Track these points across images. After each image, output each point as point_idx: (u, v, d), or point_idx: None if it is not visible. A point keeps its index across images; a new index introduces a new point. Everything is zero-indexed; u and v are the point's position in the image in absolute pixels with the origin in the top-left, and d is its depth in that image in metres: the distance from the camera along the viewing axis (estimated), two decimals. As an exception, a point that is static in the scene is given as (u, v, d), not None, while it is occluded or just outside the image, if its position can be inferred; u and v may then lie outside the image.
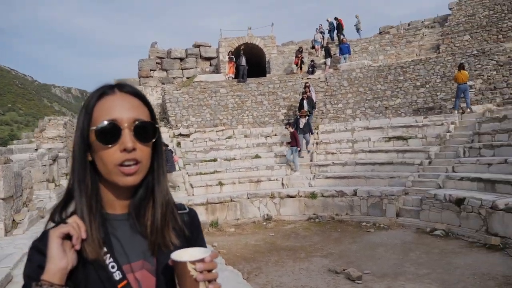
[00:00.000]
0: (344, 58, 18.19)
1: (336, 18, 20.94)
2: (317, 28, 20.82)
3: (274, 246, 9.06)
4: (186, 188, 12.52)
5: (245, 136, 15.66)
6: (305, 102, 14.80)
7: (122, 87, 1.05)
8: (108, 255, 1.00)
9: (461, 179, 9.69)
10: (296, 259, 7.97)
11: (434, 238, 8.72)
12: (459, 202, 8.75)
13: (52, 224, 1.00)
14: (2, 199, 7.17)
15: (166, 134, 15.77)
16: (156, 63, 21.29)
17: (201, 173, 13.18)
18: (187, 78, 20.74)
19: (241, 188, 12.54)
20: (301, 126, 13.71)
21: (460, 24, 18.12)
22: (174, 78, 21.00)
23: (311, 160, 13.64)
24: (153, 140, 1.04)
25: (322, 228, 10.48)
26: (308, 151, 13.82)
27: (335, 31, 20.85)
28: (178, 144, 15.02)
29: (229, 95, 17.22)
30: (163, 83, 20.19)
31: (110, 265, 1.00)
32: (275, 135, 15.43)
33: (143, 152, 1.01)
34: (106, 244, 1.01)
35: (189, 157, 14.37)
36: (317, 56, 19.92)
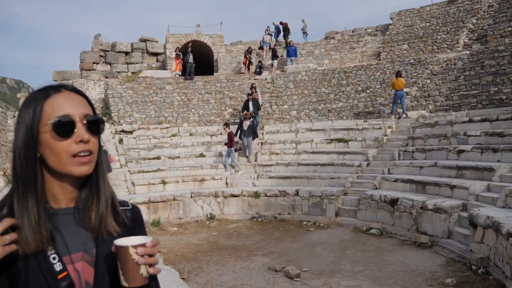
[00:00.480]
0: (291, 61, 18.56)
1: (281, 22, 21.29)
2: (265, 30, 21.05)
3: (216, 245, 9.04)
4: (128, 186, 12.13)
5: (190, 135, 15.47)
6: (250, 103, 14.78)
7: (66, 86, 1.13)
8: (50, 247, 1.05)
9: (396, 180, 10.24)
10: (238, 258, 8.00)
11: (369, 236, 9.13)
12: (393, 202, 9.24)
13: None
14: None
15: (108, 130, 15.17)
16: (100, 56, 20.44)
17: (143, 171, 12.84)
18: (132, 73, 20.12)
19: (184, 187, 12.38)
20: (245, 128, 13.70)
21: (400, 34, 19.17)
22: (118, 72, 20.28)
23: (255, 160, 13.76)
24: (101, 133, 1.13)
25: (265, 227, 10.61)
26: (247, 156, 13.76)
27: (281, 34, 21.21)
28: (121, 140, 14.52)
29: (175, 92, 16.94)
30: (106, 77, 19.42)
31: (51, 257, 1.04)
32: (221, 134, 15.39)
33: (94, 144, 1.10)
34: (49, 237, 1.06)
35: (132, 154, 13.94)
36: (265, 57, 20.13)
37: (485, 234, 6.52)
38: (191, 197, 11.57)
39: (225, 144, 13.52)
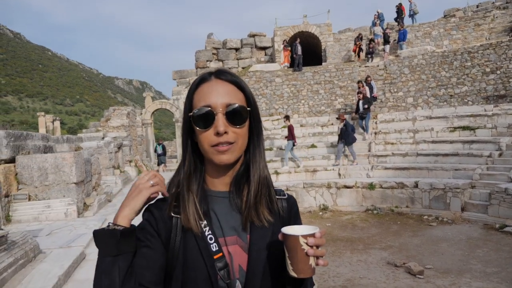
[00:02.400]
0: (400, 45, 17.42)
1: (399, 4, 19.96)
2: (373, 20, 19.95)
3: (330, 236, 8.97)
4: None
5: (301, 126, 15.55)
6: (360, 103, 13.83)
7: (218, 74, 1.12)
8: (208, 228, 1.09)
9: (536, 172, 8.97)
10: (354, 250, 7.84)
11: (504, 235, 8.18)
12: (534, 197, 8.11)
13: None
14: (75, 183, 7.71)
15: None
16: (212, 53, 21.69)
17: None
18: (243, 68, 20.93)
19: (297, 178, 12.51)
20: (345, 130, 12.61)
21: (538, 4, 16.64)
22: (229, 68, 21.27)
23: (369, 151, 13.27)
24: (245, 123, 1.11)
25: (381, 220, 10.21)
26: (337, 165, 12.79)
27: (384, 22, 20.02)
28: (235, 133, 15.23)
29: (284, 84, 17.16)
30: (219, 73, 20.51)
31: (208, 237, 1.08)
32: (332, 124, 15.18)
33: (236, 134, 1.08)
34: (206, 216, 1.10)
35: (245, 146, 14.53)
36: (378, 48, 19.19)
37: None
38: (304, 187, 11.64)
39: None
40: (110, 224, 1.05)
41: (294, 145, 12.84)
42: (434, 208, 10.18)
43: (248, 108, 1.12)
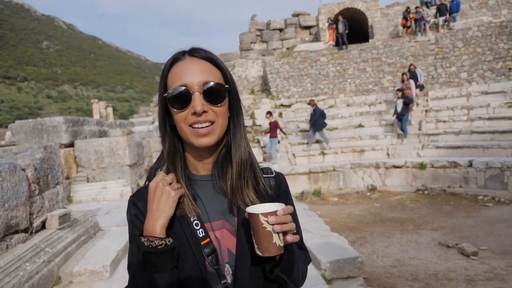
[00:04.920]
0: (453, 18, 16.44)
1: None
2: None
3: (379, 216, 8.85)
4: (289, 157, 12.74)
5: (347, 105, 15.26)
6: (398, 102, 12.55)
7: (192, 52, 1.06)
8: (193, 214, 1.05)
9: None
10: (403, 231, 7.70)
11: None
12: None
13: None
14: (128, 165, 8.12)
15: (268, 105, 16.10)
16: (256, 35, 21.61)
17: (303, 143, 13.27)
18: (287, 48, 20.73)
19: (344, 158, 12.37)
20: (313, 115, 12.51)
21: None
22: (274, 49, 21.15)
23: (419, 129, 12.80)
24: (224, 101, 1.05)
25: (432, 200, 9.90)
26: (308, 150, 12.75)
27: None
28: (280, 114, 15.25)
29: (329, 64, 16.83)
30: (263, 55, 20.48)
31: (194, 223, 1.04)
32: (380, 103, 14.76)
33: (216, 113, 1.03)
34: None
35: (291, 127, 14.53)
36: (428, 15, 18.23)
37: None
38: (351, 168, 11.50)
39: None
40: (149, 237, 0.98)
41: (278, 142, 12.39)
42: (490, 188, 9.70)
43: (226, 86, 1.07)
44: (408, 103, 12.32)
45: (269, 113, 12.68)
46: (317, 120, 12.45)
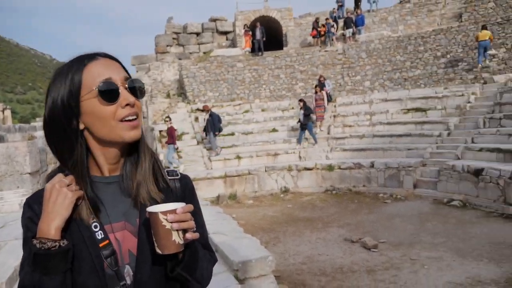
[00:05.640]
0: (359, 30, 17.90)
1: None
2: (333, 9, 20.19)
3: (291, 217, 9.24)
4: (205, 162, 12.75)
5: (262, 110, 15.72)
6: (300, 113, 12.94)
7: (99, 53, 1.07)
8: (92, 216, 1.03)
9: (480, 150, 9.59)
10: (313, 229, 8.14)
11: (451, 208, 8.74)
12: (478, 172, 8.70)
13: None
14: (29, 173, 7.50)
15: (184, 109, 15.96)
16: (173, 38, 21.32)
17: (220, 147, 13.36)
18: (204, 53, 20.75)
19: (258, 162, 12.70)
20: (210, 121, 12.68)
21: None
22: (190, 53, 21.04)
23: (328, 133, 13.65)
24: (144, 95, 1.09)
25: (339, 199, 10.61)
26: (216, 155, 12.92)
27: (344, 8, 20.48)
28: (196, 119, 15.20)
29: (246, 69, 17.20)
30: (180, 59, 20.26)
31: (93, 225, 1.02)
32: (292, 108, 15.43)
33: (139, 107, 1.06)
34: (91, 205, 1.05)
35: (207, 131, 14.54)
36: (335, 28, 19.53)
37: None
38: (265, 171, 11.86)
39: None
40: (42, 239, 0.95)
41: (175, 149, 12.22)
42: (389, 186, 10.68)
43: (143, 83, 1.12)
44: (308, 114, 12.77)
45: (168, 117, 12.53)
46: (214, 126, 12.58)
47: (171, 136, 11.95)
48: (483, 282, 5.14)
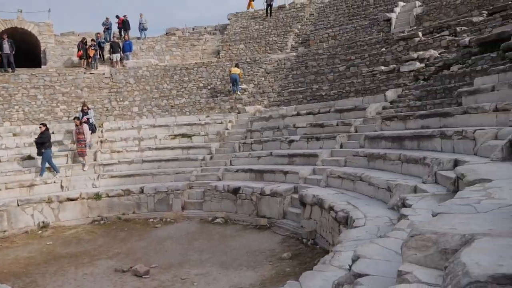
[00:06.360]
0: (127, 56, 17.93)
1: (117, 16, 20.32)
2: (97, 33, 19.48)
3: (52, 255, 8.17)
4: None
5: (14, 135, 13.51)
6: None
7: None
8: None
9: (237, 171, 10.89)
10: (79, 265, 7.41)
11: (215, 225, 9.52)
12: (236, 191, 9.81)
13: None
14: None
15: None
16: None
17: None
18: None
19: (9, 195, 10.73)
20: None
21: (237, 34, 20.32)
22: None
23: (95, 160, 12.84)
24: None
25: (108, 229, 10.04)
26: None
27: (111, 31, 20.26)
28: None
29: (-9, 87, 14.54)
30: None
31: None
32: (52, 133, 13.87)
33: None
34: None
35: None
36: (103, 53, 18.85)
37: (312, 210, 7.49)
38: (18, 205, 10.16)
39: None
40: None
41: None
42: (159, 210, 10.82)
43: None
44: (41, 142, 11.61)
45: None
46: None
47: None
48: (243, 288, 5.75)
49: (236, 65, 15.32)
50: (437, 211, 2.46)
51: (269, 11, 20.68)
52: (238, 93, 14.92)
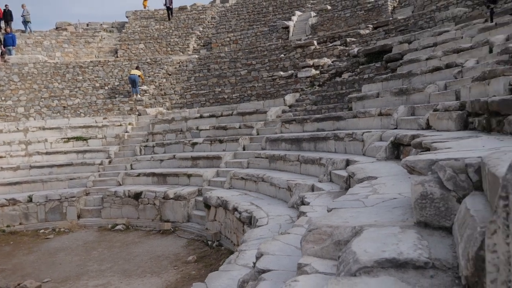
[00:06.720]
0: (9, 50, 16.16)
1: (6, 6, 18.18)
2: None
3: None
4: None
5: None
6: None
7: None
8: None
9: (139, 175, 10.52)
10: (-48, 287, 6.50)
11: (115, 233, 9.08)
12: (137, 196, 9.48)
13: None
14: None
15: None
16: None
17: None
18: None
19: None
20: None
21: (136, 33, 19.58)
22: None
23: (-29, 166, 11.34)
24: None
25: (-11, 244, 8.96)
26: None
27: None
28: None
29: None
30: None
31: None
32: None
33: None
34: None
35: None
36: None
37: (217, 212, 7.59)
38: None
39: None
40: None
41: None
42: (51, 220, 9.96)
43: None
44: None
45: None
46: None
47: None
48: (147, 296, 5.59)
49: (137, 67, 14.84)
50: (331, 207, 2.70)
51: (170, 15, 20.32)
52: (139, 95, 14.41)
